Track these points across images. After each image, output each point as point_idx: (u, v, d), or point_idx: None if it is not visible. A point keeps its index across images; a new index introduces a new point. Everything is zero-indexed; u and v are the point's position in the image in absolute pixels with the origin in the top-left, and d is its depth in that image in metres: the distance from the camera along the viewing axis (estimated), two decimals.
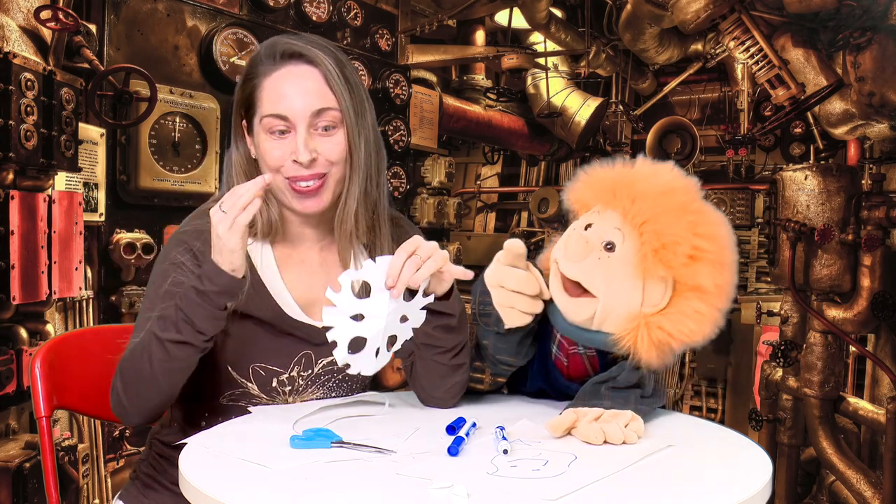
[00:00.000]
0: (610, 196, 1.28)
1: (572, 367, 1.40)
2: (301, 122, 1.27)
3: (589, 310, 1.26)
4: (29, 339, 2.16)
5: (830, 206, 2.71)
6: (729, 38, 2.73)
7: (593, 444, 1.15)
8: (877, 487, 2.59)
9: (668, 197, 1.25)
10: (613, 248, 1.25)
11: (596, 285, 1.25)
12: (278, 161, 1.28)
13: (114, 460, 2.68)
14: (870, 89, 2.63)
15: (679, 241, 1.21)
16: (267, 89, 1.29)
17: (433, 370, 1.33)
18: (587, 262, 1.25)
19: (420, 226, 4.33)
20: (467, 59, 4.67)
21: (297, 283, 1.36)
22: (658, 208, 1.23)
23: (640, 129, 5.66)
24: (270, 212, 1.34)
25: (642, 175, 1.29)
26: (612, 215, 1.27)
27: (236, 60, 3.05)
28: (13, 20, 2.11)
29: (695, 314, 1.23)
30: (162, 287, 1.27)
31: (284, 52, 1.30)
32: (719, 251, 1.24)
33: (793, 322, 3.02)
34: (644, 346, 1.23)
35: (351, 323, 1.16)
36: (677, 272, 1.22)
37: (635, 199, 1.25)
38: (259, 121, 1.29)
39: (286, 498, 0.95)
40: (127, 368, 1.23)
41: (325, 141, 1.29)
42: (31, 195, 2.11)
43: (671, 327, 1.23)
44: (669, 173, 1.30)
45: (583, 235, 1.27)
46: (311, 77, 1.29)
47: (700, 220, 1.24)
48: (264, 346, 1.33)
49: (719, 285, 1.23)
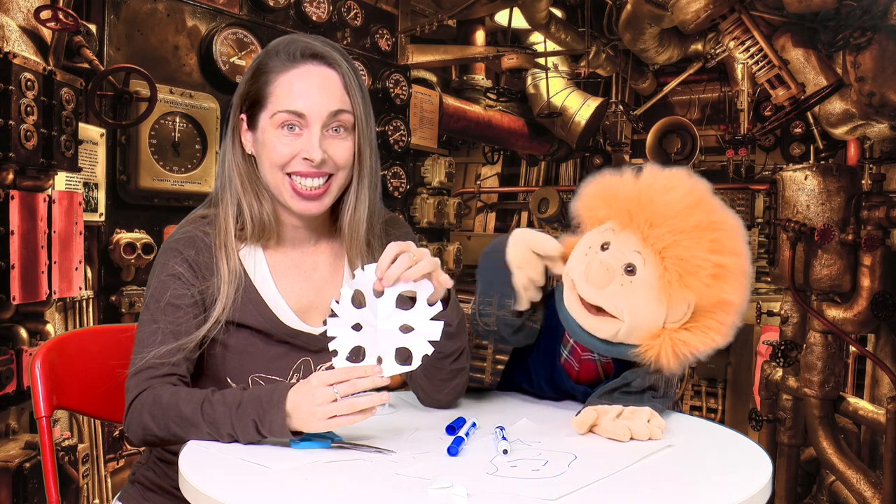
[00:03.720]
0: (625, 217, 1.27)
1: (583, 372, 1.40)
2: (317, 120, 1.26)
3: (612, 328, 1.26)
4: (29, 339, 2.16)
5: (830, 206, 2.71)
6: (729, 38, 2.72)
7: (620, 441, 1.16)
8: (877, 487, 2.59)
9: (686, 217, 1.23)
10: (634, 272, 1.24)
11: (619, 310, 1.25)
12: (285, 157, 1.27)
13: (114, 460, 2.68)
14: (870, 89, 2.63)
15: (701, 265, 1.20)
16: (283, 85, 1.27)
17: (433, 374, 1.33)
18: (609, 288, 1.24)
19: (420, 226, 4.33)
20: (467, 59, 4.67)
21: (292, 289, 1.35)
22: (677, 232, 1.22)
23: (640, 129, 5.66)
24: (263, 213, 1.32)
25: (657, 192, 1.27)
26: (629, 237, 1.25)
27: (236, 60, 3.05)
28: (13, 20, 2.11)
29: (719, 326, 1.24)
30: (163, 300, 1.26)
31: (304, 52, 1.28)
32: (740, 263, 1.24)
33: (793, 322, 3.02)
34: (667, 358, 1.23)
35: (350, 332, 1.16)
36: (702, 293, 1.22)
37: (653, 224, 1.23)
38: (270, 115, 1.27)
39: (286, 498, 0.95)
40: (160, 425, 1.18)
41: (335, 143, 1.28)
42: (31, 195, 2.11)
43: (695, 340, 1.23)
44: (682, 186, 1.28)
45: (603, 262, 1.25)
46: (331, 78, 1.28)
47: (720, 236, 1.23)
48: (262, 356, 1.32)
49: (739, 292, 1.23)
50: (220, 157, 1.37)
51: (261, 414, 1.11)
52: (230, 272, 1.29)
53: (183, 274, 1.27)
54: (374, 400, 1.10)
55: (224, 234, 1.31)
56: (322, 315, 1.35)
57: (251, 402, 1.12)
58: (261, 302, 1.31)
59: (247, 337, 1.31)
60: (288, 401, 1.10)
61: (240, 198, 1.31)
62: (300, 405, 1.09)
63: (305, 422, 1.10)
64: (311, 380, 1.10)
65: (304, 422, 1.10)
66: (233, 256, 1.30)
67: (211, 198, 1.38)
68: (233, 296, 1.28)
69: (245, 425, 1.12)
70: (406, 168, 4.11)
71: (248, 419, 1.11)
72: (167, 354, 1.23)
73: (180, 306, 1.26)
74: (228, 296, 1.28)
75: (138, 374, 1.23)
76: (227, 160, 1.34)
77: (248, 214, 1.31)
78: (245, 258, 1.33)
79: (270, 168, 1.28)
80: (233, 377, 1.32)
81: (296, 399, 1.10)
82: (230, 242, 1.31)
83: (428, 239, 4.43)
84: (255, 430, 1.12)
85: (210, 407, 1.14)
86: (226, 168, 1.34)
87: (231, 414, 1.13)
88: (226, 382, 1.32)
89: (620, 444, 1.16)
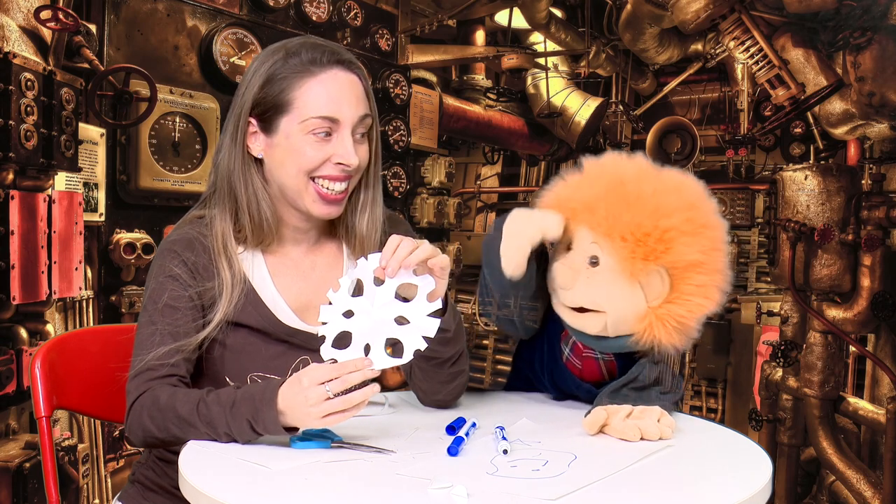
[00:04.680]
0: (572, 213, 1.28)
1: (586, 371, 1.40)
2: (349, 125, 1.27)
3: (599, 323, 1.27)
4: (29, 339, 2.16)
5: (830, 206, 2.71)
6: (729, 38, 2.72)
7: (630, 441, 1.16)
8: (877, 487, 2.59)
9: (620, 192, 1.23)
10: (598, 262, 1.25)
11: (597, 302, 1.25)
12: (316, 162, 1.27)
13: (114, 460, 2.68)
14: (870, 89, 2.63)
15: (648, 233, 1.20)
16: (312, 91, 1.26)
17: (433, 377, 1.34)
18: (579, 285, 1.25)
19: (420, 226, 4.34)
20: (467, 59, 4.67)
21: (290, 288, 1.35)
22: (615, 209, 1.22)
23: (640, 129, 5.66)
24: (263, 216, 1.31)
25: (591, 180, 1.28)
26: (583, 231, 1.27)
27: (236, 60, 3.05)
28: (13, 20, 2.11)
29: (698, 289, 1.23)
30: (160, 301, 1.26)
31: (332, 58, 1.28)
32: (690, 217, 1.22)
33: (793, 322, 3.02)
34: (664, 335, 1.24)
35: (340, 318, 1.16)
36: (662, 260, 1.21)
37: (593, 210, 1.24)
38: (300, 121, 1.26)
39: (286, 498, 0.95)
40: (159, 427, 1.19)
41: (361, 148, 1.31)
42: (31, 195, 2.11)
43: (682, 310, 1.23)
44: (615, 167, 1.29)
45: (564, 263, 1.27)
46: (356, 83, 1.30)
47: (659, 200, 1.22)
48: (260, 355, 1.32)
49: (705, 249, 1.22)
50: (215, 161, 1.36)
51: (254, 413, 1.11)
52: (233, 276, 1.29)
53: (181, 275, 1.27)
54: (367, 393, 1.10)
55: (222, 239, 1.30)
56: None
57: (244, 400, 1.13)
58: (259, 302, 1.31)
59: (245, 336, 1.31)
60: (280, 399, 1.10)
61: (238, 201, 1.31)
62: (294, 406, 1.09)
63: (301, 421, 1.10)
64: (303, 379, 1.10)
65: (299, 421, 1.11)
66: (234, 262, 1.30)
67: (205, 198, 1.38)
68: (236, 300, 1.28)
69: (240, 424, 1.12)
70: (406, 168, 4.11)
71: (243, 418, 1.12)
72: (166, 356, 1.23)
73: (178, 308, 1.26)
74: (231, 300, 1.28)
75: (138, 376, 1.23)
76: (225, 164, 1.33)
77: (247, 218, 1.31)
78: (244, 259, 1.33)
79: (297, 173, 1.27)
80: (231, 376, 1.32)
81: (288, 398, 1.10)
82: (230, 247, 1.30)
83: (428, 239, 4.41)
84: (250, 428, 1.12)
85: (206, 407, 1.14)
86: (221, 171, 1.33)
87: (226, 414, 1.13)
88: (224, 382, 1.31)
89: (620, 444, 1.16)
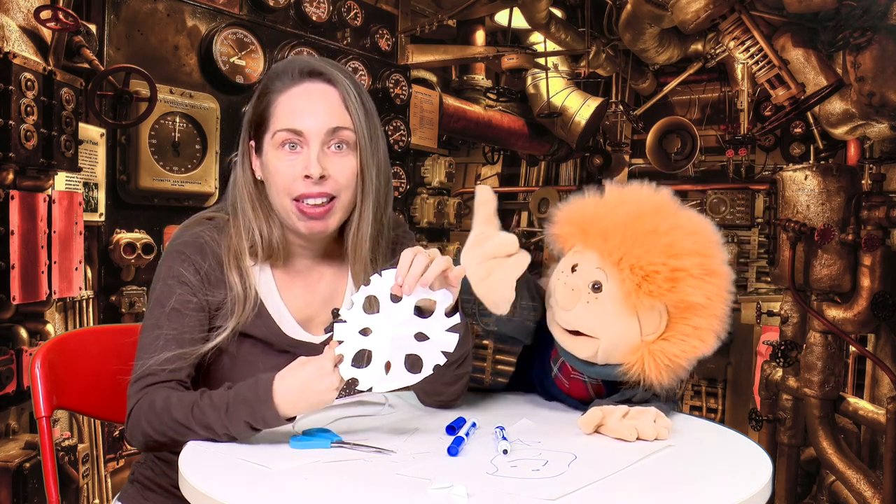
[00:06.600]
0: (584, 235, 1.28)
1: (573, 390, 1.40)
2: (315, 137, 1.26)
3: (591, 348, 1.26)
4: (29, 339, 2.16)
5: (830, 206, 2.71)
6: (729, 38, 2.72)
7: (626, 441, 1.16)
8: (877, 487, 2.59)
9: (637, 225, 1.23)
10: (600, 289, 1.24)
11: (593, 328, 1.25)
12: (288, 179, 1.26)
13: (114, 460, 2.68)
14: (870, 89, 2.63)
15: (658, 270, 1.19)
16: (282, 105, 1.27)
17: (436, 378, 1.32)
18: (578, 308, 1.24)
19: (420, 226, 4.34)
20: (467, 59, 4.67)
21: (296, 300, 1.36)
22: (629, 241, 1.22)
23: (640, 129, 5.66)
24: (273, 237, 1.32)
25: (610, 207, 1.27)
26: (591, 255, 1.26)
27: (236, 60, 3.05)
28: (13, 20, 2.11)
29: (694, 331, 1.22)
30: (167, 305, 1.26)
31: (303, 70, 1.28)
32: (701, 263, 1.22)
33: (793, 322, 3.02)
34: (653, 372, 1.23)
35: (358, 337, 1.15)
36: (665, 298, 1.21)
37: (607, 237, 1.24)
38: (271, 136, 1.27)
39: (286, 498, 0.95)
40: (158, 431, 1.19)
41: (336, 160, 1.27)
42: (31, 195, 2.11)
43: (674, 349, 1.22)
44: (636, 197, 1.28)
45: (567, 284, 1.26)
46: (329, 95, 1.28)
47: (674, 239, 1.22)
48: (263, 365, 1.31)
49: (710, 295, 1.22)
50: (232, 178, 1.37)
51: (252, 413, 1.11)
52: (245, 291, 1.29)
53: (190, 280, 1.27)
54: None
55: (235, 254, 1.31)
56: (324, 325, 1.36)
57: (237, 402, 1.12)
58: (265, 313, 1.32)
59: (249, 346, 1.32)
60: (276, 394, 1.11)
61: (251, 222, 1.32)
62: (304, 395, 1.12)
63: (312, 407, 1.13)
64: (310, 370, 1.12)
65: (310, 407, 1.13)
66: (246, 277, 1.30)
67: (222, 203, 1.38)
68: (247, 314, 1.29)
69: (238, 426, 1.12)
70: (406, 168, 4.12)
71: (240, 420, 1.12)
72: (168, 361, 1.23)
73: (185, 313, 1.26)
74: (242, 314, 1.28)
75: (138, 381, 1.23)
76: (239, 185, 1.34)
77: (259, 238, 1.31)
78: (253, 272, 1.33)
79: (278, 193, 1.28)
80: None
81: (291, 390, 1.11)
82: (244, 263, 1.31)
83: (428, 239, 4.43)
84: (249, 428, 1.12)
85: (200, 411, 1.14)
86: (237, 191, 1.34)
87: (221, 416, 1.13)
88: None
89: (620, 444, 1.16)
